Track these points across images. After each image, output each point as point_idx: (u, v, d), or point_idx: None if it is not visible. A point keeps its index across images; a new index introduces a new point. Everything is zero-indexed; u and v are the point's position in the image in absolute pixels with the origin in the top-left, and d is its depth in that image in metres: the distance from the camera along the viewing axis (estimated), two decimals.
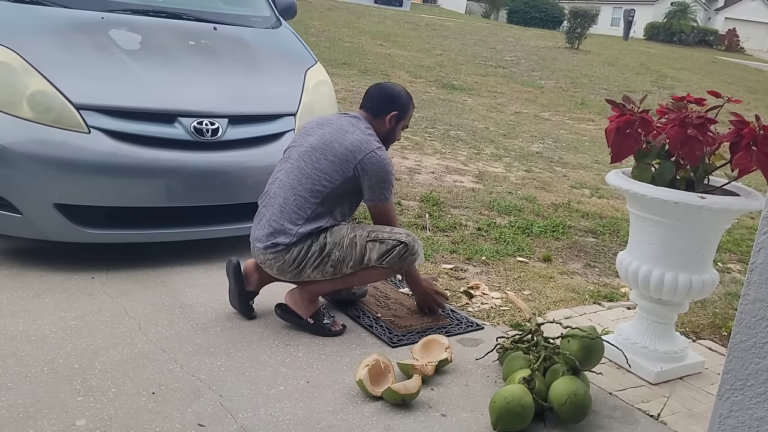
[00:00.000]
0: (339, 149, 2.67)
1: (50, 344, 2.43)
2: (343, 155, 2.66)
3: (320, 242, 2.66)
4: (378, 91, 2.86)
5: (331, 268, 2.67)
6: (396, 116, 2.83)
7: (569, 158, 7.30)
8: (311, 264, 2.66)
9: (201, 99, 3.33)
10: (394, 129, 2.86)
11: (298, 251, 2.65)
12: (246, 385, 2.30)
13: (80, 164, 2.98)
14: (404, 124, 2.90)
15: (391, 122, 2.83)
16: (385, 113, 2.81)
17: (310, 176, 2.67)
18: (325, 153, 2.69)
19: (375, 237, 2.69)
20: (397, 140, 2.96)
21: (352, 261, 2.67)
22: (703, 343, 3.03)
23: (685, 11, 40.56)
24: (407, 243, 2.70)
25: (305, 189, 2.67)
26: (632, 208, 2.58)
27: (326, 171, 2.67)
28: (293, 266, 2.67)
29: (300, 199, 2.67)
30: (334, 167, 2.66)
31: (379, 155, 2.69)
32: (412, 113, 2.94)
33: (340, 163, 2.66)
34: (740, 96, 15.19)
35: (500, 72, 14.77)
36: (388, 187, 2.73)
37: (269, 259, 2.69)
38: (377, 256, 2.67)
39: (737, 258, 4.44)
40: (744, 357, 1.48)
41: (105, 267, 3.15)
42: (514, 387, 2.18)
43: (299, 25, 14.79)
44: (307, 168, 2.69)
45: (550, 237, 4.33)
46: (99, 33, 3.49)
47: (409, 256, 2.72)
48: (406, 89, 2.93)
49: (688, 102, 2.52)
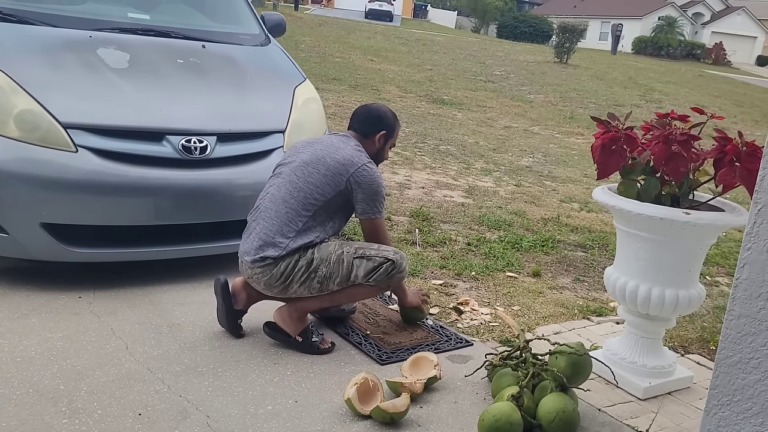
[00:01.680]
0: (331, 163, 2.70)
1: (36, 365, 2.41)
2: (335, 168, 2.69)
3: (308, 257, 2.65)
4: (365, 113, 2.91)
5: (318, 285, 2.67)
6: (384, 135, 2.88)
7: (558, 172, 7.33)
8: (298, 279, 2.65)
9: (189, 117, 3.33)
10: (383, 148, 2.91)
11: (286, 265, 2.64)
12: (234, 405, 2.29)
13: (67, 183, 2.97)
14: (392, 142, 2.96)
15: (380, 142, 2.88)
16: (374, 133, 2.86)
17: (302, 189, 2.68)
18: (317, 167, 2.71)
19: (362, 254, 2.69)
20: (386, 159, 2.99)
21: (339, 278, 2.67)
22: (692, 357, 3.04)
23: (673, 25, 41.10)
24: (394, 261, 2.70)
25: (297, 202, 2.68)
26: (619, 223, 2.59)
27: (318, 184, 2.68)
28: (280, 281, 2.66)
29: (292, 212, 2.67)
30: (326, 180, 2.68)
31: (370, 169, 2.73)
32: (398, 132, 2.99)
33: (333, 177, 2.68)
34: (727, 109, 15.36)
35: (490, 87, 14.87)
36: (380, 200, 2.76)
37: (256, 273, 2.68)
38: (364, 273, 2.68)
39: (725, 271, 4.46)
40: (730, 372, 1.48)
41: (92, 286, 3.13)
42: (502, 404, 2.17)
43: (289, 41, 14.87)
44: (299, 182, 2.70)
45: (539, 252, 4.34)
46: (87, 52, 3.49)
47: (397, 273, 2.72)
48: (391, 109, 3.00)
49: (672, 119, 2.54)
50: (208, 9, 4.71)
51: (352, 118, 2.92)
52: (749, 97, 19.71)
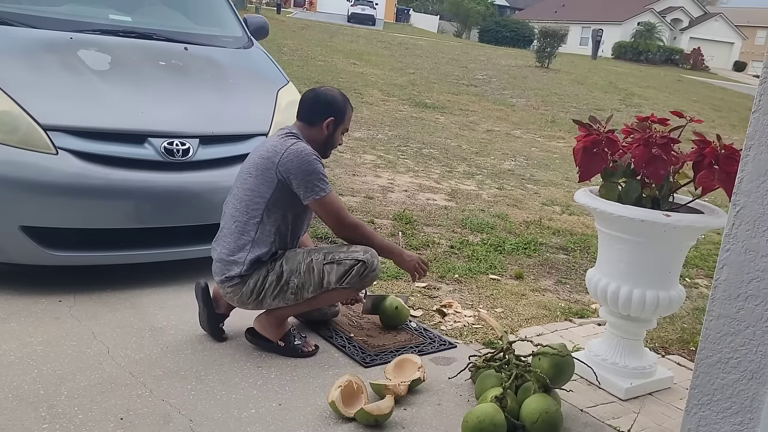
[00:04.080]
0: (258, 161, 2.62)
1: (15, 370, 2.38)
2: (263, 165, 2.60)
3: (276, 271, 2.61)
4: (312, 99, 2.75)
5: (292, 296, 2.63)
6: (333, 122, 2.72)
7: (540, 175, 7.39)
8: (270, 293, 2.62)
9: (171, 119, 3.31)
10: (333, 135, 2.75)
11: (254, 282, 2.60)
12: (217, 408, 2.27)
13: (47, 186, 2.93)
14: (344, 127, 2.79)
15: (329, 128, 2.72)
16: (322, 119, 2.70)
17: (242, 199, 2.63)
18: (249, 171, 2.64)
19: (332, 259, 2.63)
20: (339, 144, 2.84)
21: (311, 286, 2.63)
22: (672, 358, 3.07)
23: (652, 31, 41.60)
24: (365, 261, 2.64)
25: (241, 213, 2.62)
26: (600, 225, 2.62)
27: (253, 187, 2.61)
28: (252, 297, 2.63)
29: (239, 224, 2.62)
30: (258, 181, 2.60)
31: (295, 149, 2.57)
32: (351, 116, 2.82)
33: (263, 174, 2.59)
34: (705, 113, 15.56)
35: (472, 90, 14.94)
36: (318, 177, 2.58)
37: (228, 293, 2.66)
38: (336, 278, 2.62)
39: (704, 273, 4.52)
40: (710, 372, 1.50)
41: (72, 290, 3.10)
42: (486, 406, 2.18)
43: (272, 44, 14.82)
44: (239, 192, 2.65)
45: (521, 254, 4.36)
46: (68, 53, 3.46)
47: (369, 273, 2.66)
48: (341, 92, 2.83)
49: (652, 122, 2.57)
50: (190, 11, 4.68)
51: (299, 106, 2.75)
52: (727, 102, 20.01)
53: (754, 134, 1.38)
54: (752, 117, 1.38)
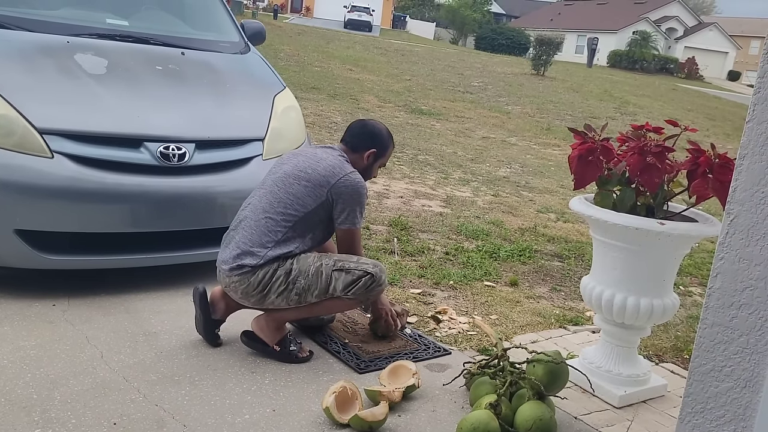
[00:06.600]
0: (313, 175, 2.69)
1: (8, 374, 2.37)
2: (317, 180, 2.67)
3: (286, 267, 2.64)
4: (360, 127, 2.90)
5: (296, 297, 2.65)
6: (374, 154, 2.85)
7: (535, 183, 7.40)
8: (276, 290, 2.64)
9: (168, 124, 3.31)
10: (371, 166, 2.88)
11: (264, 274, 2.62)
12: (211, 414, 2.26)
13: (42, 189, 2.93)
14: (382, 162, 2.92)
15: (369, 159, 2.85)
16: (364, 149, 2.83)
17: (282, 200, 2.67)
18: (298, 179, 2.69)
19: (341, 266, 2.67)
20: (374, 177, 2.96)
21: (317, 290, 2.65)
22: (666, 366, 3.08)
23: (647, 40, 41.84)
24: (374, 274, 2.68)
25: (277, 212, 2.66)
26: (595, 233, 2.63)
27: (299, 196, 2.67)
28: (258, 290, 2.64)
29: (271, 221, 2.66)
30: (307, 192, 2.67)
31: (353, 178, 2.70)
32: (391, 153, 2.96)
33: (314, 188, 2.67)
34: (699, 122, 15.64)
35: (468, 97, 14.99)
36: (361, 211, 2.73)
37: (234, 282, 2.66)
38: (343, 286, 2.66)
39: (698, 281, 4.54)
40: (704, 380, 1.51)
41: (67, 294, 3.09)
42: (480, 413, 2.18)
43: (269, 50, 14.84)
44: (280, 193, 2.69)
45: (516, 261, 4.37)
46: (64, 57, 3.46)
47: (376, 287, 2.70)
48: (388, 129, 2.96)
49: (647, 130, 2.59)
50: (187, 16, 4.68)
51: (346, 131, 2.90)
52: (721, 111, 20.12)
53: (748, 143, 1.39)
54: (746, 126, 1.39)
